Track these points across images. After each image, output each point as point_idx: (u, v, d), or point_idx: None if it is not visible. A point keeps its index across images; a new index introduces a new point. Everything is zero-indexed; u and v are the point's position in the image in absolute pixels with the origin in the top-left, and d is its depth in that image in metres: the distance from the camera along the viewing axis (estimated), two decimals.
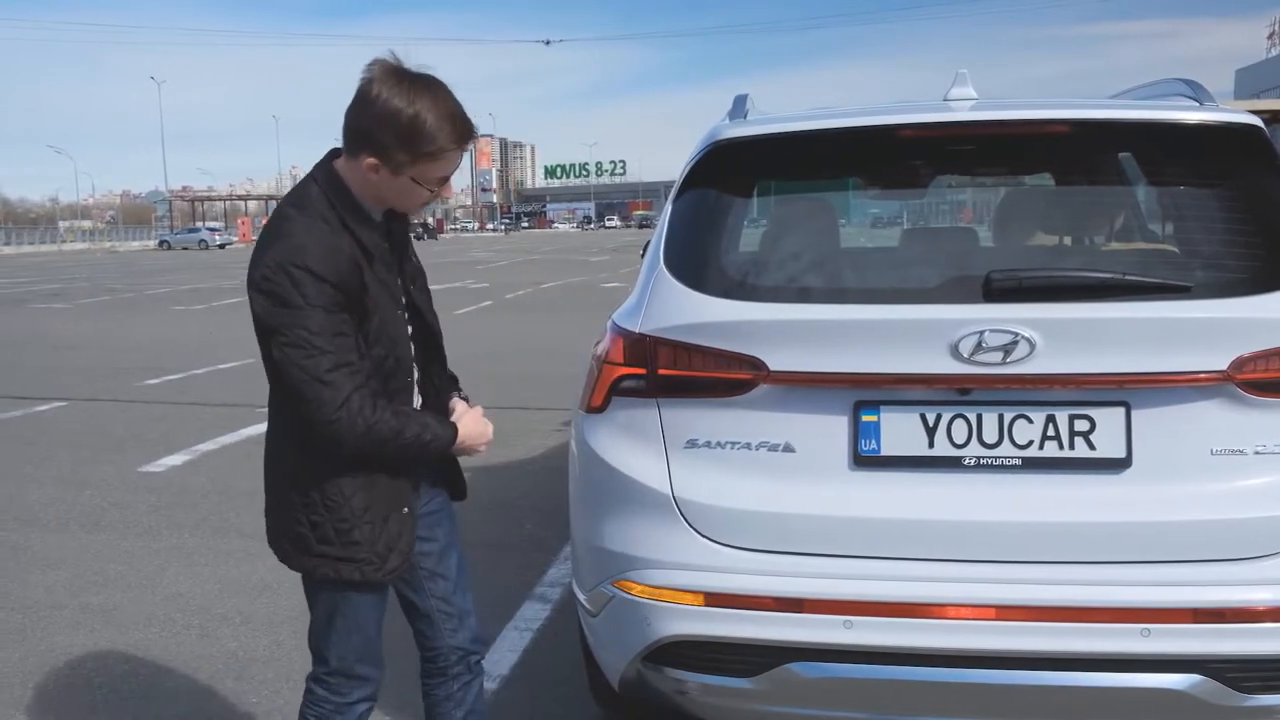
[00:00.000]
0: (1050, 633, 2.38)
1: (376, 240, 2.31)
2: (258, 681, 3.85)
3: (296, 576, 2.49)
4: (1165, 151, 2.73)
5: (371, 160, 2.21)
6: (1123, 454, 2.44)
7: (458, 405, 2.57)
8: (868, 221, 7.33)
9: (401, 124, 2.17)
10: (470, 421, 2.49)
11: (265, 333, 2.22)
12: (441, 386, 2.58)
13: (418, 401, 2.49)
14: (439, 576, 2.62)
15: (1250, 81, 40.85)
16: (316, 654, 2.53)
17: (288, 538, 2.42)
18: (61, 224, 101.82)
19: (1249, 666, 2.35)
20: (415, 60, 2.25)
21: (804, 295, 2.63)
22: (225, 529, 5.76)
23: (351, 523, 2.34)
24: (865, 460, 2.52)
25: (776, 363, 2.53)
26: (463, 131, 2.24)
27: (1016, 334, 2.40)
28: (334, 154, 2.32)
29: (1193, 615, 2.35)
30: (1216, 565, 2.39)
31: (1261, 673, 2.36)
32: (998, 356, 2.41)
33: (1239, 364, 2.39)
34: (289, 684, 3.81)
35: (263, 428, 2.52)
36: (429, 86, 2.21)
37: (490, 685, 3.75)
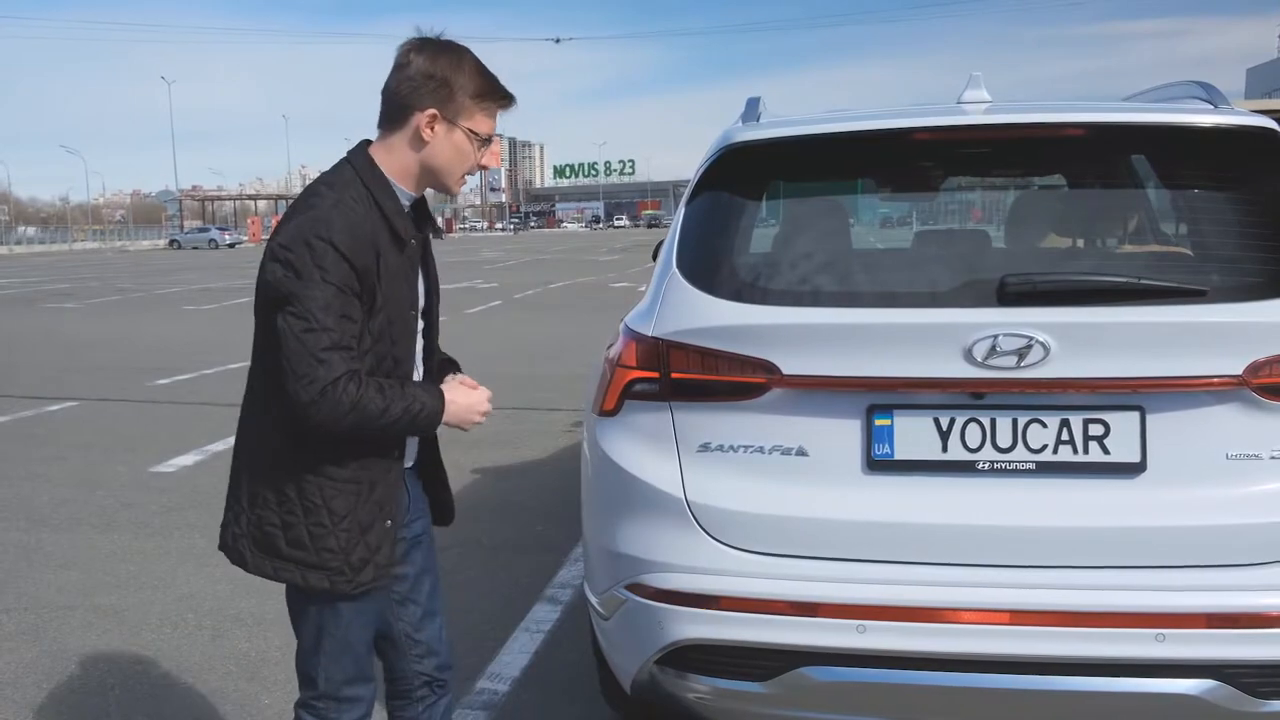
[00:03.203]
0: (1064, 637, 2.37)
1: (407, 227, 2.27)
2: (270, 682, 3.86)
3: None
4: (1179, 154, 2.72)
5: (430, 112, 2.22)
6: (1138, 458, 2.43)
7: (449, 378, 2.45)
8: (881, 224, 7.31)
9: (466, 65, 2.24)
10: (459, 389, 2.36)
11: (272, 303, 2.14)
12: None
13: None
14: (410, 602, 2.54)
15: (1262, 80, 40.70)
16: (303, 677, 2.42)
17: (250, 537, 2.30)
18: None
19: (1265, 672, 2.34)
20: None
21: (817, 299, 2.62)
22: None
23: (328, 528, 2.24)
24: (879, 464, 2.51)
25: (789, 366, 2.53)
26: (507, 92, 2.29)
27: (1031, 338, 2.39)
28: (366, 143, 2.32)
29: (1207, 620, 2.34)
30: (1232, 570, 2.38)
31: (1278, 678, 2.35)
32: (1012, 361, 2.40)
33: (1254, 368, 2.38)
34: None
35: None
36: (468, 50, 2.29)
37: (501, 687, 3.76)
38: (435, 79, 2.21)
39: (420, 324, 2.40)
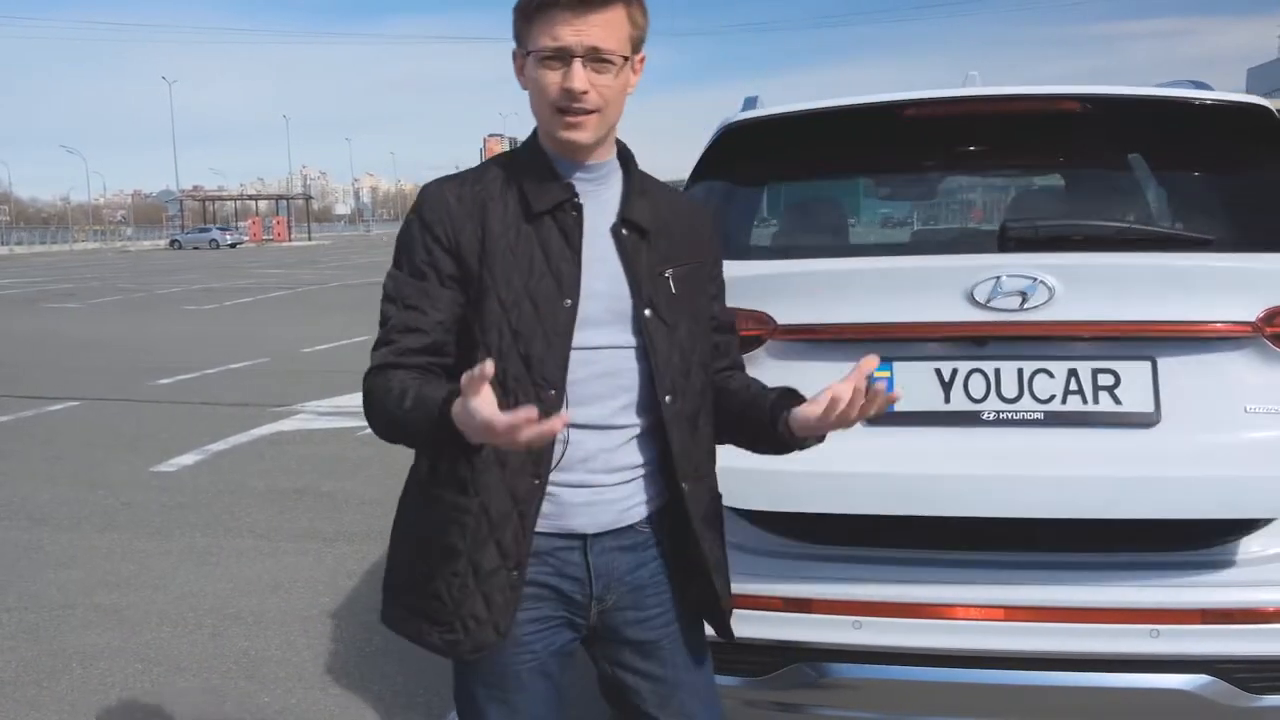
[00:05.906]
0: (1059, 633, 2.37)
1: (542, 194, 1.82)
2: (269, 681, 3.87)
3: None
4: (1179, 131, 2.72)
5: (515, 50, 1.83)
6: (1151, 408, 2.37)
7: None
8: (879, 201, 7.28)
9: None
10: (482, 401, 1.51)
11: None
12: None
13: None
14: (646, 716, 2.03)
15: (1262, 81, 40.67)
16: None
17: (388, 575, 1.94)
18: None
19: (1258, 667, 2.34)
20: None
21: (814, 253, 2.63)
22: (237, 529, 5.78)
23: (433, 567, 1.81)
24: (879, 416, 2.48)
25: (784, 316, 2.48)
26: None
27: (1034, 278, 2.34)
28: None
29: (1201, 616, 2.34)
30: (1225, 568, 2.39)
31: (1270, 673, 2.35)
32: (1015, 302, 2.34)
33: (1269, 316, 2.33)
34: (301, 684, 3.83)
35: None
36: None
37: None
38: (513, 12, 1.83)
39: (634, 339, 1.87)
